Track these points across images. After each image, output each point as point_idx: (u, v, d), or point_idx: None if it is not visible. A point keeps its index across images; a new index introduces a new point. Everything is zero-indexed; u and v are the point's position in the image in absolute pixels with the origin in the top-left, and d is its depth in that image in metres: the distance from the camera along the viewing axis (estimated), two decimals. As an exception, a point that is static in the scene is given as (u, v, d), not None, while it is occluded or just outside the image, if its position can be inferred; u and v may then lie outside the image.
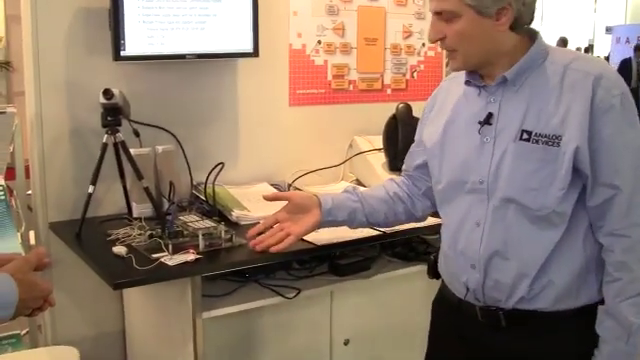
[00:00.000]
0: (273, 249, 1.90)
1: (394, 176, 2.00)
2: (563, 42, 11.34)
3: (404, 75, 3.21)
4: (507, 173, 1.55)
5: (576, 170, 1.50)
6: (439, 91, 1.82)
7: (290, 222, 1.91)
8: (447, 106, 1.71)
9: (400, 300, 2.47)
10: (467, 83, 1.65)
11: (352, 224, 1.93)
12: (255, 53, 2.62)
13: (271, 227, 1.96)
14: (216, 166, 2.31)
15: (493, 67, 1.58)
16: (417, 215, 1.93)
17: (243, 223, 2.33)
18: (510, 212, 1.55)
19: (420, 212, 1.92)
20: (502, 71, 1.56)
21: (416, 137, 1.88)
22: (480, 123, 1.59)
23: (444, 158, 1.69)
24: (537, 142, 1.51)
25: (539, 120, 1.51)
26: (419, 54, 3.24)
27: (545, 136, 1.50)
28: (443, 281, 1.78)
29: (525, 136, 1.52)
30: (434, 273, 1.82)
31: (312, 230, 1.93)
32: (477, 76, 1.62)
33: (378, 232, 2.21)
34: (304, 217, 1.90)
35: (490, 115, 1.58)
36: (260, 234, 1.99)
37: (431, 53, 3.24)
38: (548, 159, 1.50)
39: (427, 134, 1.78)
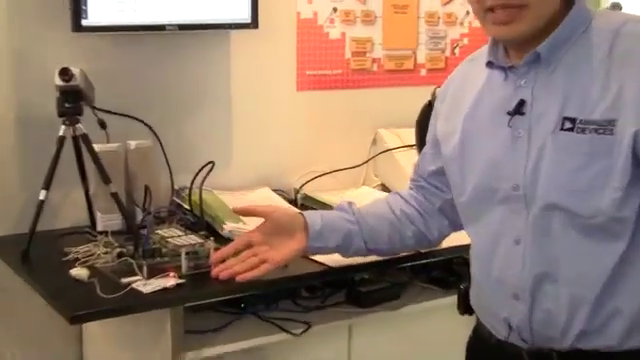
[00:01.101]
0: (240, 277, 1.85)
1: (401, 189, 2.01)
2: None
3: (443, 51, 3.21)
4: (548, 173, 1.50)
5: (639, 162, 1.44)
6: (454, 76, 1.82)
7: (267, 246, 1.89)
8: (466, 96, 1.69)
9: (436, 337, 2.44)
10: (489, 65, 1.62)
11: (347, 251, 1.94)
12: (254, 24, 2.61)
13: (242, 251, 1.93)
14: (204, 166, 2.30)
15: (533, 40, 1.53)
16: (431, 238, 1.94)
17: (237, 239, 2.27)
18: (555, 222, 1.51)
19: (436, 233, 1.93)
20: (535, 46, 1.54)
21: (428, 136, 1.87)
22: (510, 114, 1.55)
23: (466, 162, 1.67)
24: (584, 131, 1.46)
25: (585, 104, 1.47)
26: (462, 24, 3.23)
27: (594, 123, 1.45)
28: (478, 318, 1.75)
29: (568, 125, 1.48)
30: (465, 307, 1.79)
31: (295, 258, 1.91)
32: (502, 53, 1.60)
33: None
34: (285, 241, 1.89)
35: (522, 103, 1.54)
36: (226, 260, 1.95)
37: (477, 23, 3.17)
38: (600, 151, 1.44)
39: (442, 132, 1.77)
